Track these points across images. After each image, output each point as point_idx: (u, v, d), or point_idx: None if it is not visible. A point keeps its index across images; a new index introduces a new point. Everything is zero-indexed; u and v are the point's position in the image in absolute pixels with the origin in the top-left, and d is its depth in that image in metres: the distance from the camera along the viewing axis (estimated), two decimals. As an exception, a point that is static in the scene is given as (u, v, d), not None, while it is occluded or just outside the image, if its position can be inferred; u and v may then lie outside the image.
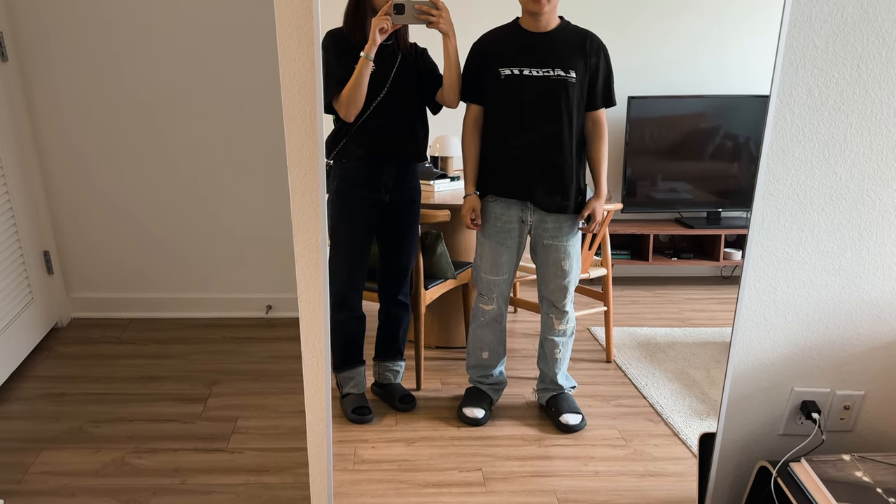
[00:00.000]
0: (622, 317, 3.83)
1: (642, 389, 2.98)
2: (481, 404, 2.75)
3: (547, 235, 2.57)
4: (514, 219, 2.57)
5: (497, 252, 2.60)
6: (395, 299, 2.77)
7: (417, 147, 2.59)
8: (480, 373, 2.80)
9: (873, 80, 1.65)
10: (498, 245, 2.60)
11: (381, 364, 2.86)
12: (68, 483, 2.28)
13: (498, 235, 2.59)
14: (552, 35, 2.43)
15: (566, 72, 2.40)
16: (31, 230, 3.23)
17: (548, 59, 2.41)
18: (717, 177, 4.15)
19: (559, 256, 2.59)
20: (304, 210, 1.63)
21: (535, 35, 2.43)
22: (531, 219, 2.56)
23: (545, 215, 2.54)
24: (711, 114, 4.07)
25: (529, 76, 2.42)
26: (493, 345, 2.75)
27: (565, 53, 2.41)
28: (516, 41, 2.45)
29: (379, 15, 2.27)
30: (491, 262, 2.62)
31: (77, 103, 3.26)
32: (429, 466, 2.43)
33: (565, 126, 2.44)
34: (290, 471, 2.37)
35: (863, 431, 1.95)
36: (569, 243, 2.59)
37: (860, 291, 1.81)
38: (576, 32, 2.45)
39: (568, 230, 2.57)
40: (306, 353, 1.78)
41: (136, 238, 3.49)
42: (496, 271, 2.63)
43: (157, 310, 3.61)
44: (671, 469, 2.44)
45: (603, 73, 2.47)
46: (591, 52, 2.43)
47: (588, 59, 2.43)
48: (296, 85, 1.53)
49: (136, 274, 3.55)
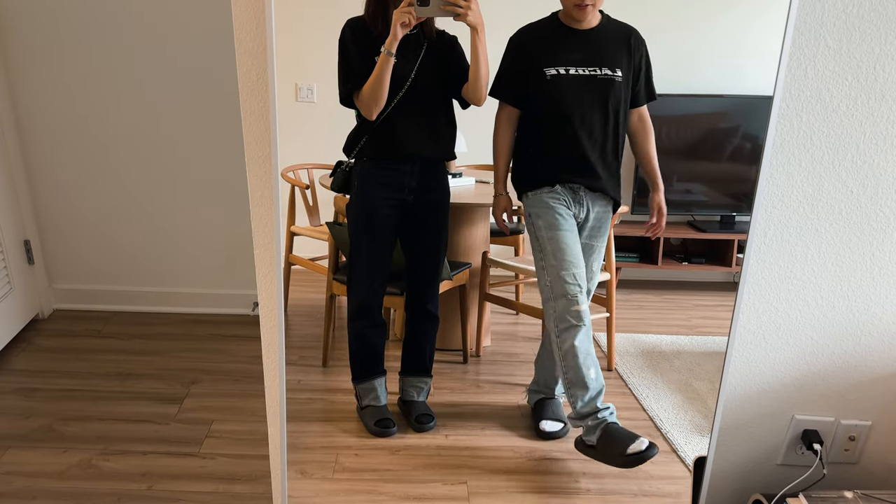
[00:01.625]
0: (627, 322, 3.70)
1: (643, 401, 2.86)
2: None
3: (588, 234, 2.49)
4: (570, 211, 2.41)
5: (569, 239, 2.35)
6: (422, 310, 2.63)
7: (443, 145, 2.44)
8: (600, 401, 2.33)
9: (891, 84, 1.50)
10: (567, 232, 2.36)
11: (405, 379, 2.73)
12: (30, 485, 2.20)
13: (565, 221, 2.37)
14: (596, 32, 2.34)
15: (612, 70, 2.33)
16: (10, 219, 3.17)
17: (594, 58, 2.32)
18: (733, 179, 4.02)
19: (592, 257, 2.51)
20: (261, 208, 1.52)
21: (578, 32, 2.34)
22: (586, 207, 2.44)
23: (588, 211, 2.44)
24: (731, 114, 3.94)
25: (576, 75, 2.33)
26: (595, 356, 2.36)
27: (611, 51, 2.33)
28: (560, 39, 2.35)
29: (402, 7, 2.11)
30: (568, 251, 2.33)
31: (62, 92, 3.21)
32: (412, 478, 2.33)
33: (611, 125, 2.38)
34: (262, 480, 2.27)
35: (869, 464, 1.82)
36: (601, 244, 2.52)
37: (870, 314, 1.67)
38: (619, 28, 2.37)
39: (605, 229, 2.51)
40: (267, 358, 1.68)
41: (122, 230, 3.44)
42: (576, 262, 2.33)
43: (141, 303, 3.55)
44: (667, 489, 2.32)
45: (646, 68, 2.42)
46: (636, 49, 2.37)
47: (633, 55, 2.36)
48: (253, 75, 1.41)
49: (121, 266, 3.49)
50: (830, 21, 1.47)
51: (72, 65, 3.17)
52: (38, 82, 3.19)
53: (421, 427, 2.62)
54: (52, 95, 3.21)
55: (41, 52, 3.15)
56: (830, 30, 1.47)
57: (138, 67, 3.19)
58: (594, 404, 2.28)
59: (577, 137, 2.37)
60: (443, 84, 2.39)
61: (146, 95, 3.23)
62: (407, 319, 2.67)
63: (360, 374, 2.62)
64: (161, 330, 3.35)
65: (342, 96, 2.34)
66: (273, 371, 1.70)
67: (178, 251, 3.47)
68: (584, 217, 2.46)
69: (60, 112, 3.24)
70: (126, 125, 3.27)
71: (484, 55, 2.27)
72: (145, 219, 3.42)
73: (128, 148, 3.31)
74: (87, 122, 3.26)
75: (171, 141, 3.31)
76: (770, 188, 1.57)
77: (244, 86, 1.41)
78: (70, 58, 3.16)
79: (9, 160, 3.16)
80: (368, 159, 2.39)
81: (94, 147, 3.30)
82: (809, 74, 1.50)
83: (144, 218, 3.41)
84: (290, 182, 3.44)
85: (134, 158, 3.32)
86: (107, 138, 3.29)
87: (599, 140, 2.38)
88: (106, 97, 3.23)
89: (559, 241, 2.35)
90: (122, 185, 3.36)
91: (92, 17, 3.11)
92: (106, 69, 3.19)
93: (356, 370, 2.62)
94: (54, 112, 3.24)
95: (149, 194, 3.38)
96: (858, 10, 1.46)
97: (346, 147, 2.44)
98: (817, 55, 1.49)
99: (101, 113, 3.25)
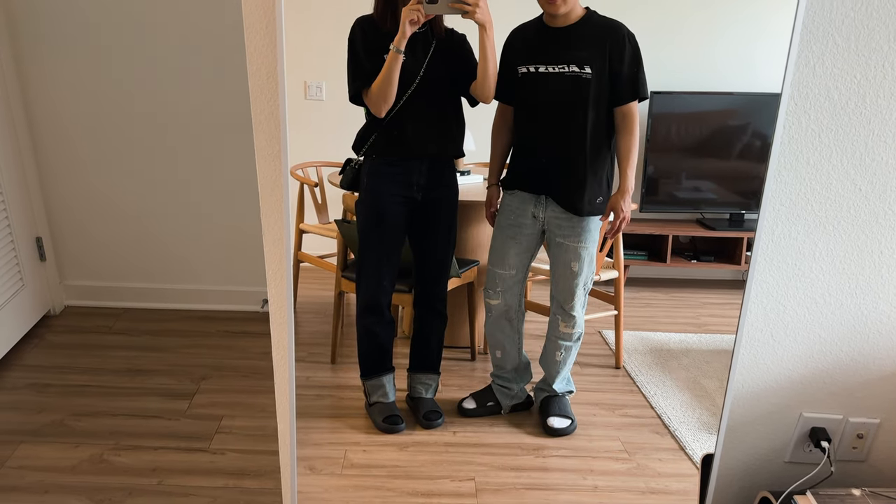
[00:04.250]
0: (636, 320, 3.69)
1: (650, 399, 2.86)
2: (481, 399, 2.72)
3: (559, 234, 2.49)
4: (527, 214, 2.50)
5: (505, 245, 2.55)
6: (430, 307, 2.64)
7: (452, 142, 2.45)
8: (495, 371, 2.77)
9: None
10: (507, 238, 2.55)
11: (413, 376, 2.74)
12: (43, 479, 2.22)
13: (509, 229, 2.54)
14: (571, 30, 2.33)
15: (581, 68, 2.30)
16: (23, 216, 3.19)
17: (562, 55, 2.31)
18: (742, 177, 4.00)
19: (569, 257, 2.49)
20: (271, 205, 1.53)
21: (554, 31, 2.34)
22: (543, 215, 2.48)
23: (559, 212, 2.45)
24: (740, 111, 3.92)
25: (545, 73, 2.34)
26: (504, 344, 2.70)
27: (581, 48, 2.31)
28: (536, 38, 2.37)
29: (410, 5, 2.11)
30: (497, 253, 2.58)
31: (74, 91, 3.22)
32: (420, 474, 2.34)
33: (580, 124, 2.35)
34: (271, 475, 2.28)
35: (877, 462, 1.81)
36: (580, 245, 2.48)
37: (878, 312, 1.67)
38: (598, 25, 2.33)
39: (581, 231, 2.47)
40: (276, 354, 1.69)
41: (133, 227, 3.45)
42: (501, 264, 2.57)
43: (151, 300, 3.56)
44: (675, 487, 2.32)
45: (628, 65, 2.33)
46: (613, 45, 2.30)
47: (609, 52, 2.30)
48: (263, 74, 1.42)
49: (132, 263, 3.51)
50: (839, 19, 1.46)
51: (83, 65, 3.18)
52: (50, 82, 3.20)
53: (429, 424, 2.62)
54: (64, 94, 3.22)
55: (53, 52, 3.16)
56: (839, 27, 1.47)
57: (149, 67, 3.20)
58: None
59: (542, 134, 2.40)
60: (451, 82, 2.39)
61: (156, 94, 3.24)
62: (415, 317, 2.68)
63: (368, 371, 2.63)
64: (171, 326, 3.36)
65: (351, 94, 2.35)
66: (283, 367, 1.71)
67: (188, 248, 3.48)
68: (550, 217, 2.49)
69: (72, 111, 3.25)
70: (137, 124, 3.28)
71: (492, 53, 2.27)
72: (156, 216, 3.43)
73: (139, 146, 3.31)
74: (99, 120, 3.27)
75: (182, 139, 3.31)
76: (778, 186, 1.57)
77: (254, 85, 1.42)
78: (82, 57, 3.17)
79: (21, 159, 3.18)
80: (377, 157, 2.40)
81: (105, 145, 3.31)
82: (818, 72, 1.50)
83: (155, 215, 3.43)
84: (298, 180, 3.44)
85: (145, 156, 3.33)
86: (118, 137, 3.30)
87: (562, 139, 2.38)
88: (116, 96, 3.23)
89: (494, 241, 2.60)
90: (132, 182, 3.37)
91: (103, 18, 3.12)
92: (117, 69, 3.20)
93: (364, 367, 2.62)
94: (66, 111, 3.25)
95: (159, 192, 3.39)
96: (867, 7, 1.46)
97: (355, 145, 2.45)
98: (826, 53, 1.49)
99: (112, 112, 3.26)
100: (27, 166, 3.23)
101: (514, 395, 2.74)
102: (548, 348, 2.68)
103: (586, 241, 2.48)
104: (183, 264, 3.52)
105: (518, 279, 2.60)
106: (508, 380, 2.74)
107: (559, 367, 2.67)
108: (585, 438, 2.58)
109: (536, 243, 2.57)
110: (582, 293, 2.56)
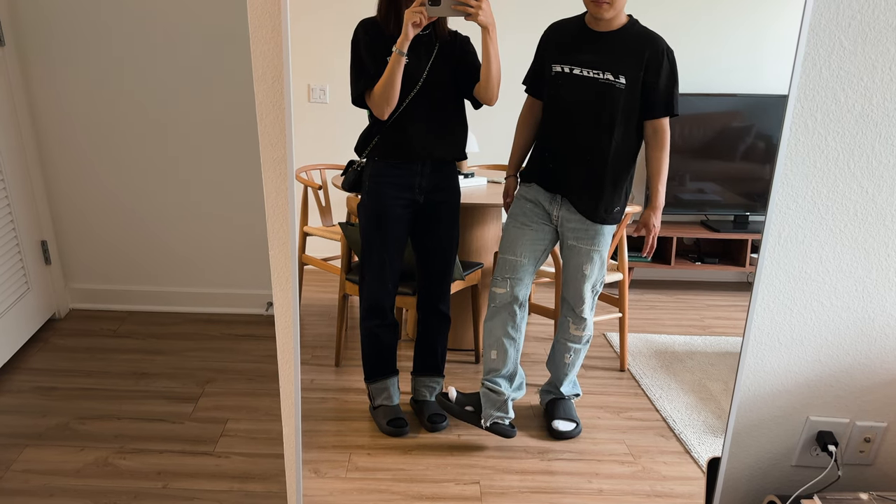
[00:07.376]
0: (640, 322, 3.68)
1: (656, 402, 2.85)
2: (463, 399, 2.58)
3: (572, 236, 2.48)
4: (541, 209, 2.49)
5: (516, 233, 2.52)
6: (433, 309, 2.64)
7: (455, 145, 2.45)
8: (487, 376, 2.61)
9: (907, 84, 1.49)
10: (519, 226, 2.51)
11: (417, 379, 2.74)
12: (48, 483, 2.22)
13: (522, 216, 2.51)
14: (612, 36, 2.32)
15: (615, 76, 2.29)
16: (28, 220, 3.19)
17: (599, 61, 2.30)
18: (747, 178, 3.99)
19: (581, 260, 2.49)
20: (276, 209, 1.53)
21: (595, 34, 2.33)
22: (557, 213, 2.47)
23: (573, 214, 2.44)
24: (745, 112, 3.90)
25: (579, 76, 2.32)
26: (502, 342, 2.57)
27: (619, 57, 2.30)
28: (576, 38, 2.35)
29: (413, 7, 2.11)
30: (508, 240, 2.54)
31: (78, 94, 3.22)
32: (424, 477, 2.33)
33: (606, 132, 2.34)
34: (276, 479, 2.28)
35: (884, 466, 1.80)
36: (593, 248, 2.48)
37: (885, 316, 1.66)
38: (639, 35, 2.32)
39: (595, 234, 2.46)
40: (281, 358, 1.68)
41: (137, 230, 3.45)
42: (510, 251, 2.52)
43: (156, 303, 3.56)
44: (679, 490, 2.31)
45: (665, 79, 2.33)
46: (650, 58, 2.30)
47: (645, 64, 2.30)
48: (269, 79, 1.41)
49: (136, 266, 3.51)
50: (845, 21, 1.46)
51: (88, 68, 3.18)
52: (55, 85, 3.20)
53: (433, 427, 2.62)
54: (69, 98, 3.22)
55: (58, 55, 3.16)
56: (845, 30, 1.46)
57: (154, 71, 3.20)
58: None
59: (567, 135, 2.39)
60: (454, 84, 2.39)
61: (161, 98, 3.24)
62: (419, 319, 2.68)
63: (372, 374, 2.62)
64: (176, 329, 3.37)
65: (354, 96, 2.34)
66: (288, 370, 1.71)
67: (193, 252, 3.48)
68: (564, 216, 2.48)
69: (77, 115, 3.25)
70: (142, 127, 3.28)
71: (495, 55, 2.26)
72: (161, 220, 3.43)
73: (144, 149, 3.32)
74: (104, 124, 3.27)
75: (187, 143, 3.31)
76: (785, 189, 1.57)
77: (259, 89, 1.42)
78: (86, 61, 3.17)
79: (26, 162, 3.18)
80: (380, 159, 2.40)
81: (110, 149, 3.31)
82: (824, 75, 1.50)
83: (160, 219, 3.43)
84: (302, 182, 3.44)
85: (150, 160, 3.33)
86: (123, 140, 3.30)
87: (587, 144, 2.37)
88: (122, 100, 3.23)
89: (506, 230, 2.55)
90: (137, 186, 3.37)
91: (109, 21, 3.12)
92: (122, 73, 3.20)
93: (369, 369, 2.62)
94: (71, 114, 3.25)
95: (164, 195, 3.39)
96: (874, 10, 1.45)
97: (357, 147, 2.44)
98: (832, 55, 1.48)
99: (117, 115, 3.26)
100: (32, 170, 3.23)
101: (500, 405, 2.55)
102: (556, 350, 2.67)
103: (599, 244, 2.48)
104: (187, 267, 3.51)
105: (527, 270, 2.54)
106: (499, 385, 2.61)
107: (567, 369, 2.66)
108: (590, 441, 2.58)
109: (549, 239, 2.54)
110: (591, 296, 2.56)
